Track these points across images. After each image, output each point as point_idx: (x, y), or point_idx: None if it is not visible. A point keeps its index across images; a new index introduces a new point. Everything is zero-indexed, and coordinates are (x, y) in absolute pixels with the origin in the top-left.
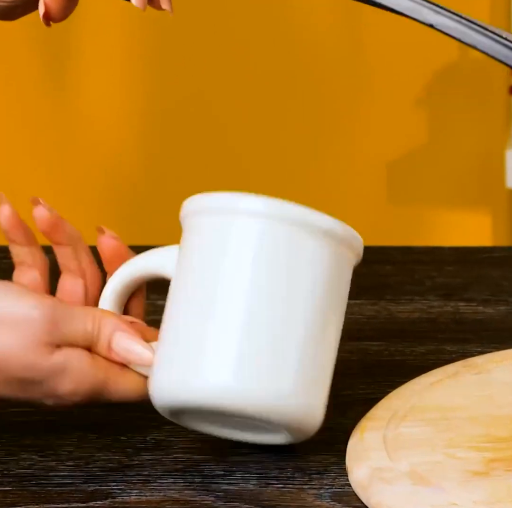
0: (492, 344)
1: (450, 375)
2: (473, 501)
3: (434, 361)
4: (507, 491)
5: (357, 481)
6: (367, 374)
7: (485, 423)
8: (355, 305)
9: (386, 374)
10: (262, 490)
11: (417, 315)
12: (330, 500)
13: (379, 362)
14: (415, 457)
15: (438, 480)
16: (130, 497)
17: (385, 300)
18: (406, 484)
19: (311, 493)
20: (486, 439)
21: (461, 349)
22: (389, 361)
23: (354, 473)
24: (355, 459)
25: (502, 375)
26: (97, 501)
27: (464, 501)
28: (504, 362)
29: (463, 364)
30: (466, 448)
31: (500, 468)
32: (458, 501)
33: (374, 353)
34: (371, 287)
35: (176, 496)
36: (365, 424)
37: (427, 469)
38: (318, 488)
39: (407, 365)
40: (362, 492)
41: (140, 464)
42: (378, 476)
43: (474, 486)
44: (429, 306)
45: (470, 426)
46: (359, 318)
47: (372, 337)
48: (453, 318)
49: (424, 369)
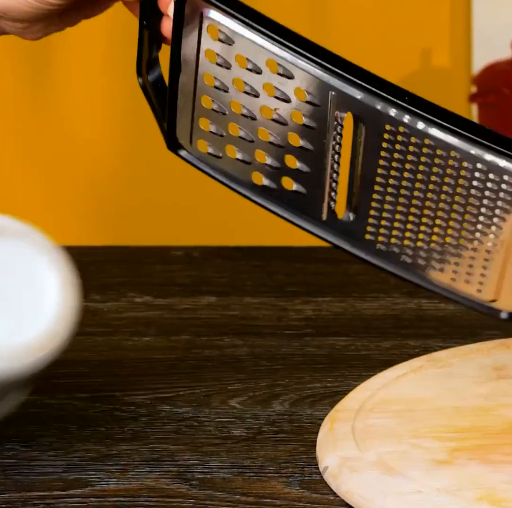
0: (453, 339)
1: (415, 369)
2: (437, 489)
3: (398, 355)
4: (469, 479)
5: (327, 471)
6: (335, 368)
7: (449, 414)
8: (323, 302)
9: (353, 368)
10: (234, 479)
11: (382, 311)
12: (299, 487)
13: (346, 356)
14: (382, 447)
15: (404, 469)
16: (108, 485)
17: (352, 297)
18: (374, 473)
19: (281, 481)
20: (450, 430)
21: (424, 344)
22: (355, 356)
23: (323, 462)
24: (325, 449)
25: (464, 368)
26: (77, 489)
27: (429, 489)
28: (466, 356)
29: (427, 358)
30: (430, 438)
31: (462, 457)
32: (423, 488)
33: (341, 347)
34: (339, 285)
35: (152, 484)
36: (334, 415)
37: (393, 459)
38: (288, 476)
39: (373, 359)
40: (332, 481)
41: (118, 454)
42: (347, 465)
43: (438, 474)
44: (393, 303)
45: (434, 417)
46: (327, 314)
47: (339, 333)
48: (416, 314)
49: (389, 363)
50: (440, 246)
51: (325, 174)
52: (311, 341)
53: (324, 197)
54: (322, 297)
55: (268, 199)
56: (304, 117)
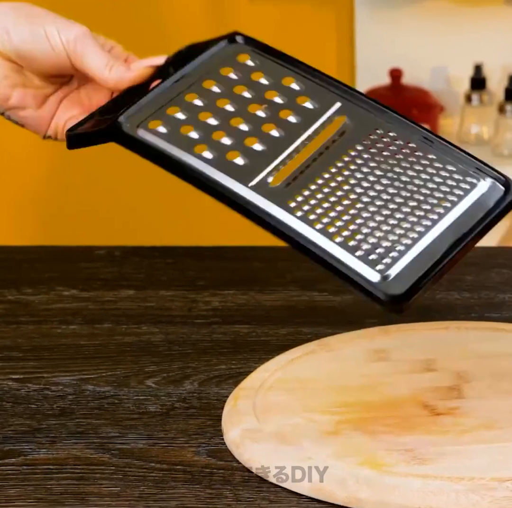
0: (341, 326)
1: (307, 353)
2: (326, 455)
3: (293, 341)
4: (354, 446)
5: (231, 441)
6: (238, 352)
7: (336, 392)
8: (228, 294)
9: (254, 352)
10: (150, 448)
11: (280, 303)
12: (206, 456)
13: (248, 342)
14: (279, 421)
15: (298, 439)
16: (39, 455)
17: (254, 290)
18: (271, 443)
19: (191, 450)
20: (337, 405)
21: (315, 331)
22: (256, 341)
23: (228, 434)
24: (229, 422)
25: (350, 352)
26: (11, 459)
27: (319, 456)
28: (352, 341)
29: (318, 343)
30: (320, 413)
31: (348, 428)
32: (314, 456)
33: (244, 334)
34: (242, 280)
35: (78, 454)
36: (237, 393)
37: (288, 430)
38: (197, 446)
39: (271, 344)
40: (235, 450)
41: (47, 428)
42: (248, 437)
43: (326, 443)
44: (289, 295)
45: (324, 394)
46: (231, 305)
47: (242, 321)
48: (309, 305)
49: (285, 348)
50: (352, 217)
51: (278, 156)
52: (217, 329)
53: (262, 171)
54: (227, 290)
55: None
56: (292, 116)
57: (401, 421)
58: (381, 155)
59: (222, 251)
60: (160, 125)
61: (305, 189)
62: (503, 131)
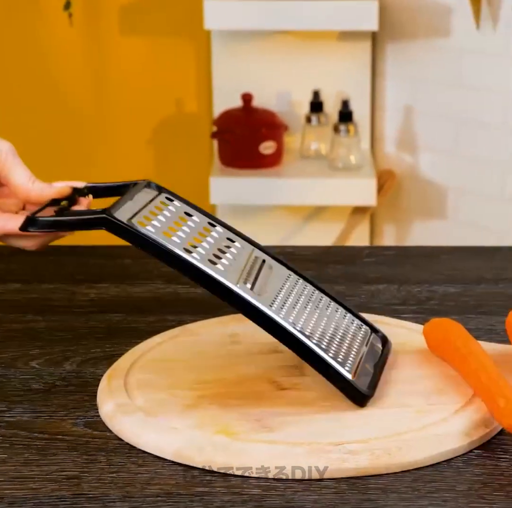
0: (201, 314)
1: (172, 337)
2: (188, 425)
3: (159, 327)
4: (211, 418)
5: (105, 414)
6: (112, 337)
7: (197, 371)
8: (103, 287)
9: (126, 337)
10: (34, 421)
11: (147, 294)
12: (83, 427)
13: (120, 328)
14: (147, 396)
15: (163, 412)
16: None
17: (125, 283)
18: (140, 416)
19: (70, 422)
20: (197, 382)
21: (179, 318)
22: (127, 328)
23: (102, 408)
24: (104, 398)
25: (209, 336)
26: None
27: (182, 426)
28: (210, 327)
29: (181, 329)
30: (182, 389)
31: (205, 402)
32: (177, 426)
33: (116, 322)
34: (115, 274)
35: None
36: (111, 373)
37: (155, 404)
38: (75, 418)
39: (140, 330)
40: (108, 422)
41: None
42: (120, 410)
43: (187, 415)
44: (156, 288)
45: (186, 373)
46: (105, 296)
47: (115, 310)
48: (173, 297)
49: (152, 333)
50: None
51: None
52: (94, 317)
53: (239, 277)
54: (102, 283)
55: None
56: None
57: (251, 395)
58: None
59: (97, 250)
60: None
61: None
62: (337, 148)
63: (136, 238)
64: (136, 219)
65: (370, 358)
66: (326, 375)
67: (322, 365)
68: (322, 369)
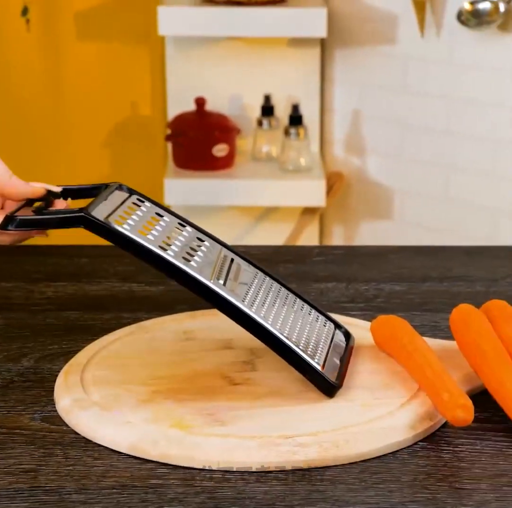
0: (155, 312)
1: (127, 334)
2: (143, 419)
3: (115, 324)
4: (165, 412)
5: (62, 408)
6: (69, 334)
7: (152, 367)
8: (60, 285)
9: (82, 334)
10: None
11: (104, 292)
12: (41, 421)
13: (77, 325)
14: (103, 391)
15: (118, 406)
16: None
17: (82, 282)
18: (96, 410)
19: (27, 417)
20: (152, 378)
21: (134, 316)
22: (84, 325)
23: (59, 403)
24: (61, 393)
25: (163, 333)
26: None
27: (136, 419)
28: (164, 325)
29: (137, 327)
30: (137, 384)
31: (160, 397)
32: (132, 420)
33: (74, 319)
34: (72, 273)
35: None
36: (67, 369)
37: (111, 399)
38: (32, 413)
39: (97, 327)
40: (65, 416)
41: None
42: (76, 405)
43: (142, 409)
44: (112, 286)
45: (141, 369)
46: (63, 295)
47: (72, 308)
48: (129, 295)
49: (108, 330)
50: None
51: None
52: (51, 314)
53: (212, 274)
54: (59, 282)
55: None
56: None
57: (204, 390)
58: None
59: (54, 249)
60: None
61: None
62: (288, 150)
63: (114, 236)
64: (113, 218)
65: (336, 351)
66: (297, 366)
67: (294, 357)
68: (294, 361)
